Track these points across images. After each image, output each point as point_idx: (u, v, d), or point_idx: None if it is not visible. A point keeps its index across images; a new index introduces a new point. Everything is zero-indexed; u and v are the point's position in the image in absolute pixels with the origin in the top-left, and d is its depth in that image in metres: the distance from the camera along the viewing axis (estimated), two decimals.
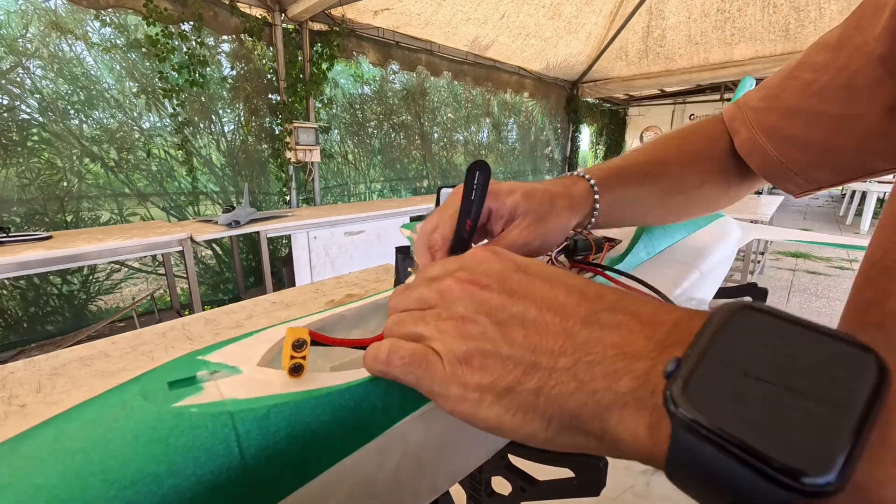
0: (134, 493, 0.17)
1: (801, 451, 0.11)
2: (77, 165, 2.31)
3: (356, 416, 0.23)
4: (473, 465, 0.35)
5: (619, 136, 7.85)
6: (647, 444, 0.16)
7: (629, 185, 0.40)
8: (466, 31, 3.91)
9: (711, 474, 0.13)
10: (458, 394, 0.20)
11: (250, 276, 3.10)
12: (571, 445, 0.19)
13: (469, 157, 4.84)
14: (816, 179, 0.39)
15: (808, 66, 0.36)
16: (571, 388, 0.17)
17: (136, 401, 0.20)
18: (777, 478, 0.12)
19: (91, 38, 2.25)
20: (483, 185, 0.31)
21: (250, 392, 0.22)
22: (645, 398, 0.16)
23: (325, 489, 0.22)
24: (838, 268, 3.89)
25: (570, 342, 0.18)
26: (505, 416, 0.19)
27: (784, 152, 0.38)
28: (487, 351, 0.19)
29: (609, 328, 0.18)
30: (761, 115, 0.39)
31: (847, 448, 0.11)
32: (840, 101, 0.34)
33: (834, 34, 0.35)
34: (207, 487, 0.18)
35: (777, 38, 4.16)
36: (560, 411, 0.18)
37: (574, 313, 0.19)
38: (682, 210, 0.46)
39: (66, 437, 0.19)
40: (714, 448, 0.13)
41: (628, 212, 0.41)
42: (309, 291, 0.70)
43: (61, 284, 2.33)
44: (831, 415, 0.12)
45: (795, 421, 0.12)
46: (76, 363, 0.45)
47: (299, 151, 3.00)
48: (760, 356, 0.14)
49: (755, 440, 0.12)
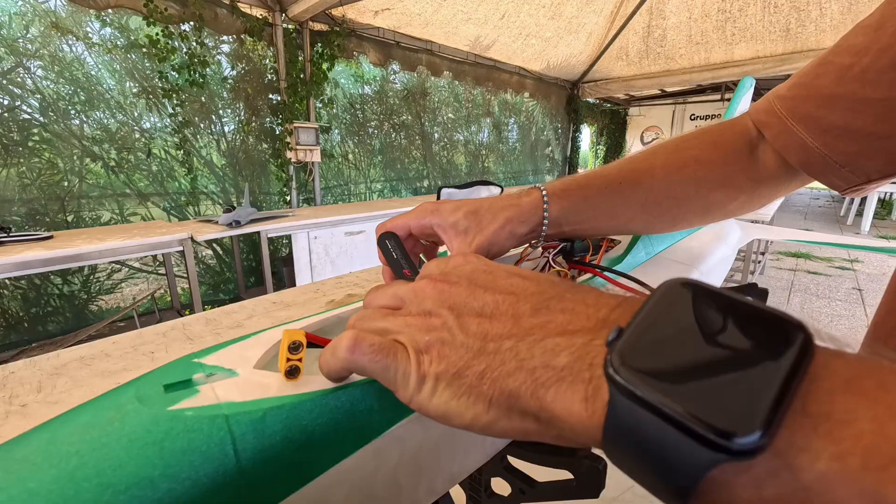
0: (129, 498, 0.17)
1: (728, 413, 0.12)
2: (78, 165, 2.31)
3: (353, 419, 0.23)
4: (472, 467, 0.34)
5: (620, 136, 7.84)
6: (581, 418, 0.16)
7: (594, 193, 0.40)
8: (467, 31, 3.91)
9: (644, 439, 0.14)
10: (415, 384, 0.20)
11: (251, 276, 3.10)
12: (511, 429, 0.19)
13: (469, 156, 4.84)
14: (865, 170, 0.35)
15: (846, 50, 0.33)
16: (512, 367, 0.18)
17: (132, 404, 0.20)
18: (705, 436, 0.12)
19: (91, 38, 2.25)
20: (398, 246, 0.36)
21: (246, 395, 0.22)
22: (581, 372, 0.16)
23: (321, 492, 0.22)
24: (839, 268, 3.89)
25: (517, 327, 0.19)
26: (451, 400, 0.20)
27: (826, 142, 0.35)
28: (445, 340, 0.20)
29: (556, 312, 0.19)
30: (794, 103, 0.37)
31: (768, 410, 0.12)
32: (885, 84, 0.31)
33: (874, 16, 0.33)
34: (203, 491, 0.18)
35: (778, 39, 4.15)
36: (500, 392, 0.18)
37: (525, 302, 0.20)
38: (677, 218, 0.44)
39: (60, 440, 0.18)
40: (648, 411, 0.13)
41: (600, 219, 0.41)
42: (309, 291, 0.70)
43: (62, 284, 2.34)
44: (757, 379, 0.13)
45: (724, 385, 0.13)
46: (77, 363, 0.45)
47: (300, 151, 3.00)
48: (695, 325, 0.15)
49: (687, 403, 0.13)
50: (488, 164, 5.07)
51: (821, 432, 0.12)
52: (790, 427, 0.12)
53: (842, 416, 0.12)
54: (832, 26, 3.79)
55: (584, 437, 0.16)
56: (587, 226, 0.41)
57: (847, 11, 3.62)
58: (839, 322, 2.88)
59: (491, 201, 0.38)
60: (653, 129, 7.62)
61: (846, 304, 3.13)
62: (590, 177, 0.41)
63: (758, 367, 0.13)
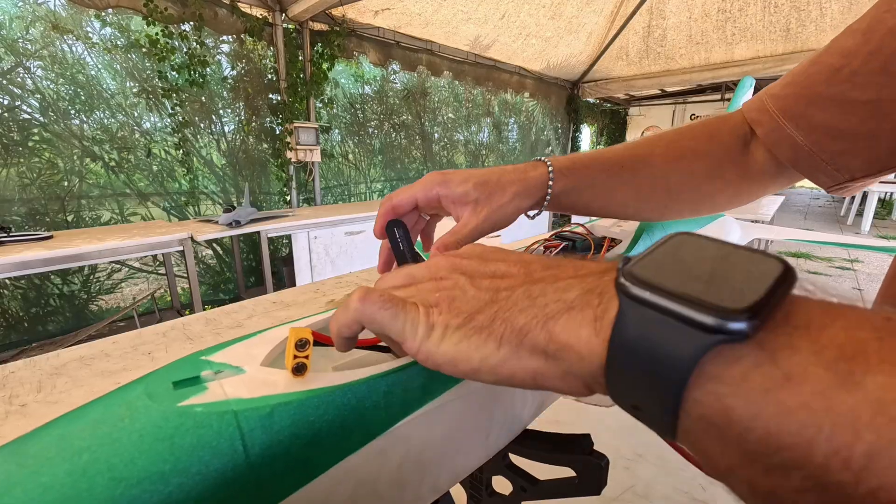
0: (140, 492, 0.17)
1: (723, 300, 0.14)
2: (78, 165, 2.31)
3: (359, 416, 0.23)
4: (475, 464, 0.35)
5: (620, 135, 7.84)
6: (589, 340, 0.17)
7: (596, 173, 0.41)
8: (467, 31, 3.91)
9: (646, 340, 0.15)
10: (424, 332, 0.21)
11: (251, 275, 3.10)
12: (520, 369, 0.19)
13: (470, 156, 4.84)
14: (849, 168, 0.37)
15: (837, 52, 0.35)
16: (524, 305, 0.19)
17: (142, 400, 0.21)
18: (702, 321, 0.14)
19: (91, 38, 2.25)
20: (406, 237, 0.36)
21: (254, 391, 0.22)
22: (591, 300, 0.18)
23: (328, 488, 0.22)
24: (839, 268, 3.89)
25: (529, 278, 0.21)
26: (461, 343, 0.20)
27: (814, 140, 0.37)
28: (456, 296, 0.22)
29: (566, 266, 0.21)
30: (786, 102, 0.38)
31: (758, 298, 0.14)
32: (873, 87, 0.32)
33: (864, 19, 0.34)
34: (212, 486, 0.18)
35: (778, 38, 4.15)
36: (511, 328, 0.19)
37: (536, 263, 0.22)
38: (668, 207, 0.45)
39: (72, 436, 0.19)
40: (654, 310, 0.15)
41: (597, 200, 0.42)
42: (309, 291, 0.70)
43: (62, 284, 2.34)
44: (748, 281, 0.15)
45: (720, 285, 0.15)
46: (77, 363, 0.46)
47: (300, 151, 3.00)
48: (695, 253, 0.17)
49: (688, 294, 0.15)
50: (488, 163, 5.07)
51: (801, 334, 0.14)
52: (774, 331, 0.14)
53: (819, 325, 0.14)
54: (832, 26, 3.80)
55: (588, 363, 0.17)
56: (582, 204, 0.42)
57: (847, 11, 3.63)
58: None
59: (500, 173, 0.39)
60: (653, 128, 7.62)
61: None
62: (593, 157, 0.42)
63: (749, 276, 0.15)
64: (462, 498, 0.52)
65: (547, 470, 0.42)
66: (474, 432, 0.32)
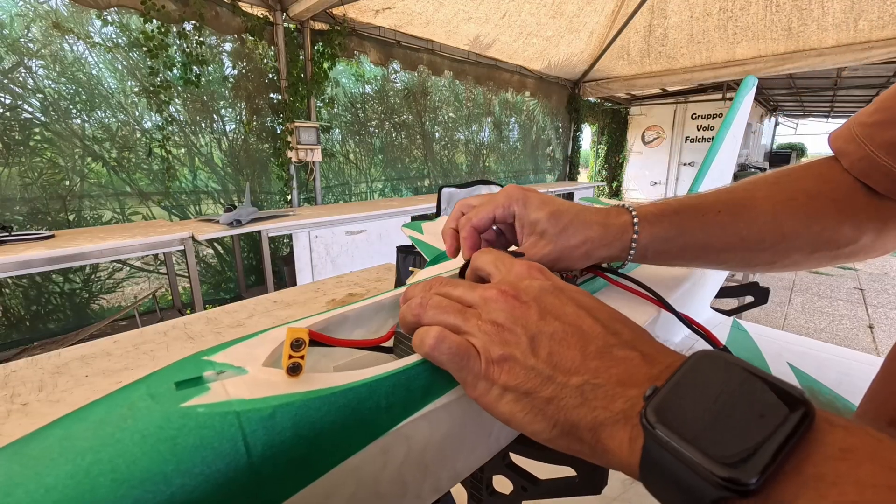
0: (143, 492, 0.17)
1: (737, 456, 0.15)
2: (79, 164, 2.31)
3: (360, 416, 0.23)
4: (476, 464, 0.35)
5: (621, 135, 7.84)
6: (626, 453, 0.19)
7: (687, 220, 0.37)
8: (468, 31, 3.91)
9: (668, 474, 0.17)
10: (485, 387, 0.24)
11: (251, 275, 3.10)
12: (566, 447, 0.22)
13: (470, 156, 4.84)
14: None
15: None
16: (577, 402, 0.21)
17: (144, 401, 0.21)
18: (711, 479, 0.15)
19: (93, 37, 2.25)
20: None
21: (256, 392, 0.22)
22: (631, 418, 0.20)
23: (329, 488, 0.22)
24: (840, 268, 3.89)
25: (583, 366, 0.22)
26: (519, 413, 0.23)
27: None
28: (517, 359, 0.23)
29: (617, 361, 0.22)
30: (875, 130, 0.35)
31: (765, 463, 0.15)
32: None
33: None
34: (215, 486, 0.18)
35: (779, 37, 4.15)
36: (564, 419, 0.22)
37: (592, 343, 0.23)
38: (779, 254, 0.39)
39: (74, 436, 0.19)
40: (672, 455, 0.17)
41: (691, 251, 0.38)
42: (310, 291, 0.70)
43: (63, 283, 2.34)
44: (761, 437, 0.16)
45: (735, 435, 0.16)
46: (78, 362, 0.46)
47: (301, 151, 3.00)
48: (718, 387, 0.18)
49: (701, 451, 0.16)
50: (489, 163, 5.07)
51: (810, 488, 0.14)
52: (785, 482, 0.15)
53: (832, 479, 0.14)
54: (834, 25, 3.79)
55: (626, 469, 0.20)
56: (672, 255, 0.38)
57: (849, 10, 3.62)
58: (840, 322, 2.88)
59: (580, 211, 0.36)
60: (654, 128, 7.61)
61: (848, 304, 3.13)
62: (683, 202, 0.38)
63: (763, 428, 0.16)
64: (462, 497, 0.52)
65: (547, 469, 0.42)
66: (476, 432, 0.32)
